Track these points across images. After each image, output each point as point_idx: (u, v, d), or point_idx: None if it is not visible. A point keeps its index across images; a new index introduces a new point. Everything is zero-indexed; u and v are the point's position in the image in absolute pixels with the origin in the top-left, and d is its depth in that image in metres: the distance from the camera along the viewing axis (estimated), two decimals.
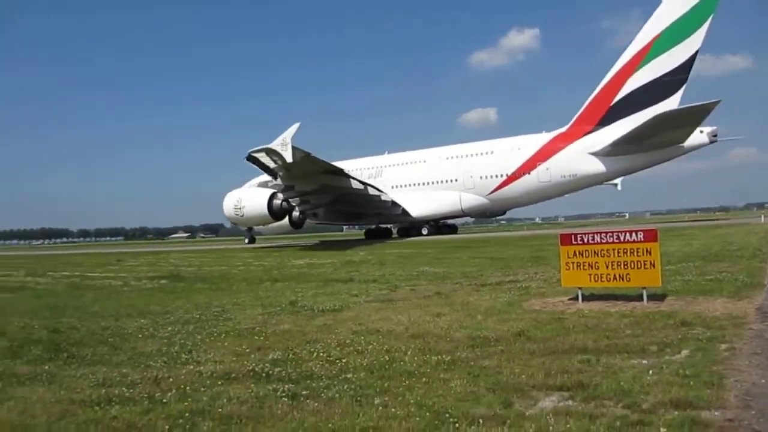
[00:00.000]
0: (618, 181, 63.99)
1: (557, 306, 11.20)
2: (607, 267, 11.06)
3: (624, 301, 11.14)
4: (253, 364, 7.64)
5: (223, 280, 20.55)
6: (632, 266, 10.83)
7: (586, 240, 11.35)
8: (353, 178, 48.74)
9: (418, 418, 5.32)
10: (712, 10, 43.25)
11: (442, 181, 53.80)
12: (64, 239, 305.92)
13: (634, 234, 10.90)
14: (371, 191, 50.75)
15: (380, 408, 5.66)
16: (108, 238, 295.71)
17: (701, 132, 44.30)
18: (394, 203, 53.48)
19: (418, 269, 20.34)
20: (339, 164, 56.10)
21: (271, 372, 7.24)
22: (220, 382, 6.93)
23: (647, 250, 10.71)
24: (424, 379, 6.57)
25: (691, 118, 41.75)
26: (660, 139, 43.66)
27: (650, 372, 6.38)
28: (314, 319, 11.24)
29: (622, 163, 47.07)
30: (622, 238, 10.97)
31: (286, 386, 6.55)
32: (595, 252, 11.19)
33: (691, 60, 43.81)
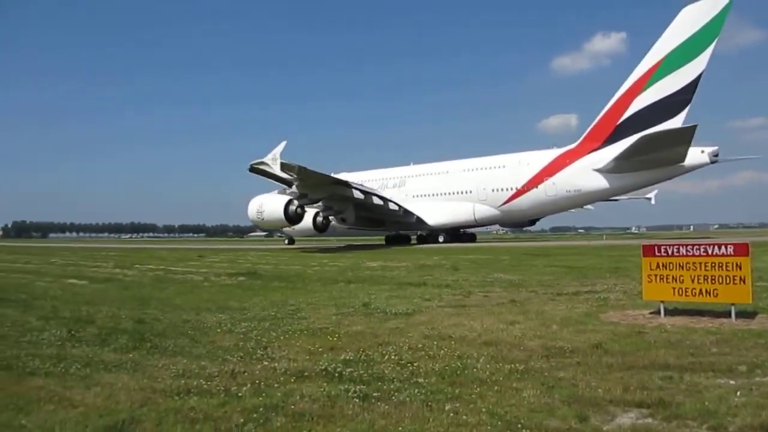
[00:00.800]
0: (652, 195, 69.43)
1: (637, 319, 10.79)
2: (693, 281, 10.55)
3: (710, 317, 10.61)
4: (326, 364, 7.75)
5: (299, 279, 20.94)
6: (720, 281, 10.29)
7: (670, 252, 10.87)
8: (355, 188, 50.99)
9: (489, 427, 5.26)
10: (717, 33, 44.53)
11: (458, 192, 57.15)
12: (151, 234, 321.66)
13: (723, 247, 10.35)
14: (375, 200, 53.02)
15: (451, 414, 5.63)
16: (191, 234, 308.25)
17: (702, 152, 45.89)
18: (406, 212, 56.38)
19: (492, 276, 20.07)
20: (367, 174, 64.59)
21: (343, 372, 7.32)
22: (293, 380, 7.06)
23: (737, 265, 10.15)
24: (496, 388, 6.47)
25: (673, 139, 43.26)
26: (656, 158, 45.13)
27: (738, 393, 6.04)
28: (387, 321, 11.28)
29: (625, 179, 48.74)
30: (709, 251, 10.44)
31: (358, 387, 6.61)
32: (679, 265, 10.71)
33: (696, 81, 45.05)
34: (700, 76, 44.81)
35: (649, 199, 70.90)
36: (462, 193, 56.73)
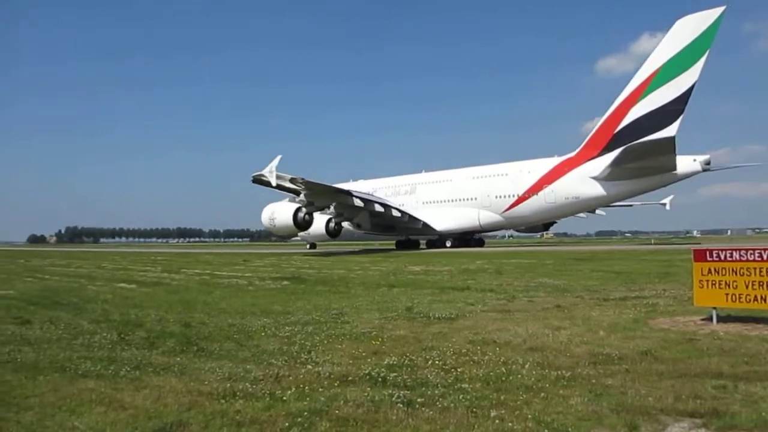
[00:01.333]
0: (667, 201, 71.19)
1: (688, 326, 10.48)
2: (747, 287, 10.18)
3: (765, 324, 10.25)
4: (369, 368, 7.76)
5: (342, 283, 21.04)
6: None
7: (723, 257, 10.51)
8: (355, 196, 53.44)
9: None
10: (709, 45, 45.89)
11: (464, 199, 59.75)
12: (197, 239, 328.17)
13: None
14: (377, 207, 55.37)
15: (496, 421, 5.56)
16: (235, 239, 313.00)
17: (694, 160, 47.38)
18: (411, 218, 58.75)
19: (537, 280, 19.81)
20: (380, 181, 68.62)
21: (386, 377, 7.32)
22: (337, 384, 7.10)
23: None
24: (542, 395, 6.38)
25: (655, 149, 44.90)
26: (646, 167, 46.66)
27: None
28: (430, 326, 11.24)
29: (620, 187, 50.27)
30: (765, 256, 10.06)
31: (402, 392, 6.59)
32: (733, 270, 10.35)
33: (689, 91, 46.33)
34: (693, 87, 46.10)
35: (664, 204, 72.07)
36: (468, 199, 59.25)
